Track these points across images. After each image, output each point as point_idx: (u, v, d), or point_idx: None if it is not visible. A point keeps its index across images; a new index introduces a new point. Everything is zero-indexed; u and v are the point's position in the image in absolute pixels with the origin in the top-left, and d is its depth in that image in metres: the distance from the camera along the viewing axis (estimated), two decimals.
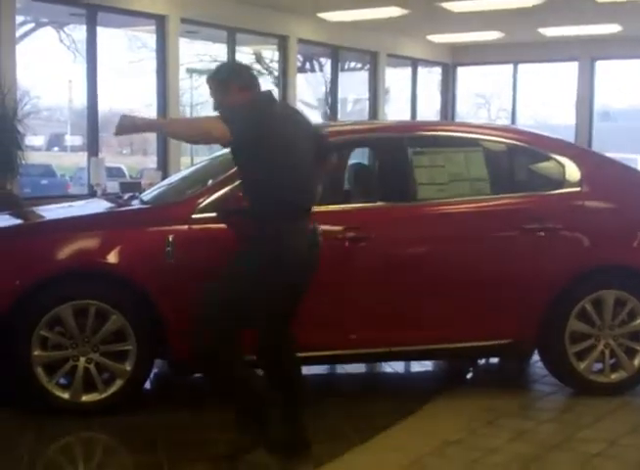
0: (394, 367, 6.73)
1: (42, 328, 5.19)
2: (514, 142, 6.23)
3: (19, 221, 6.34)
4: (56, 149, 22.63)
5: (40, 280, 5.20)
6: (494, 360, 6.97)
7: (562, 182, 6.10)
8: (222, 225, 5.43)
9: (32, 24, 16.09)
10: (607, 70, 19.19)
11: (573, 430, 5.27)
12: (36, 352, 5.20)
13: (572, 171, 6.09)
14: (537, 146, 6.24)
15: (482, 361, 6.98)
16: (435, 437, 5.11)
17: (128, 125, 4.41)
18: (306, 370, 6.54)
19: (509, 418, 5.46)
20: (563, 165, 6.11)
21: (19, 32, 13.10)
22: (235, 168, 5.65)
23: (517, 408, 5.67)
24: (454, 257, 5.82)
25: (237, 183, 5.54)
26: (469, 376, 6.94)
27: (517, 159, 6.32)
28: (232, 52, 14.77)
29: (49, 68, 15.38)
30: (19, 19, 12.39)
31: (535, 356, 6.23)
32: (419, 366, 6.86)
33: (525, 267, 5.85)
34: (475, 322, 5.83)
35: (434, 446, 4.96)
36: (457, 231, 5.91)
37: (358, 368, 6.76)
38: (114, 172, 17.11)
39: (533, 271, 5.85)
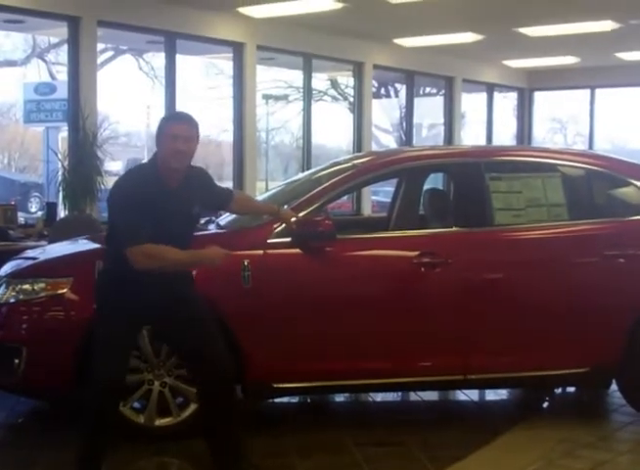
0: (469, 395, 6.65)
1: None
2: (592, 167, 6.14)
3: (97, 245, 6.41)
4: None
5: None
6: (571, 389, 6.85)
7: None
8: (297, 250, 5.46)
9: (112, 52, 16.42)
10: None
11: None
12: None
13: None
14: (616, 171, 6.15)
15: (559, 390, 6.86)
16: (512, 468, 5.04)
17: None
18: (381, 397, 6.57)
19: (587, 449, 5.35)
20: None
21: (99, 60, 13.36)
22: (311, 193, 5.72)
23: (595, 439, 5.55)
24: (531, 283, 5.75)
25: (312, 208, 5.59)
26: (545, 405, 6.83)
27: (595, 184, 6.22)
28: (308, 78, 14.87)
29: (128, 94, 15.66)
30: (99, 46, 12.65)
31: (613, 386, 6.10)
32: (494, 395, 6.76)
33: (604, 294, 5.76)
34: (552, 350, 5.73)
35: None
36: (535, 257, 5.84)
37: (433, 396, 6.70)
38: None
39: (613, 298, 5.75)
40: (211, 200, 4.96)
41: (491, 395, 6.76)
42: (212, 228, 6.13)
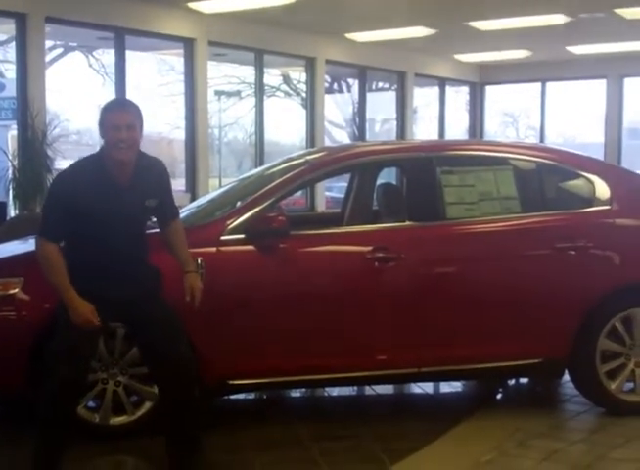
0: (424, 388, 6.68)
1: None
2: (543, 160, 6.19)
3: None
4: None
5: None
6: (524, 380, 6.91)
7: (592, 200, 6.06)
8: (251, 247, 5.45)
9: (61, 49, 16.22)
10: (635, 88, 19.09)
11: (605, 450, 5.20)
12: None
13: (602, 189, 6.06)
14: (566, 164, 6.21)
15: (512, 381, 6.93)
16: (466, 458, 5.07)
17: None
18: (337, 391, 6.58)
19: (540, 439, 5.40)
20: (592, 183, 6.07)
21: (48, 57, 13.21)
22: (264, 189, 5.70)
23: (547, 429, 5.61)
24: (484, 276, 5.79)
25: (266, 204, 5.57)
26: (499, 396, 6.89)
27: (546, 177, 6.27)
28: (260, 73, 14.85)
29: (78, 91, 15.49)
30: (48, 43, 12.51)
31: (566, 376, 6.17)
32: (449, 387, 6.80)
33: (555, 286, 5.80)
34: (505, 342, 5.78)
35: (465, 468, 4.92)
36: (487, 250, 5.88)
37: (388, 389, 6.72)
38: None
39: (564, 290, 5.80)
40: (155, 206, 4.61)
41: (446, 387, 6.80)
42: None
